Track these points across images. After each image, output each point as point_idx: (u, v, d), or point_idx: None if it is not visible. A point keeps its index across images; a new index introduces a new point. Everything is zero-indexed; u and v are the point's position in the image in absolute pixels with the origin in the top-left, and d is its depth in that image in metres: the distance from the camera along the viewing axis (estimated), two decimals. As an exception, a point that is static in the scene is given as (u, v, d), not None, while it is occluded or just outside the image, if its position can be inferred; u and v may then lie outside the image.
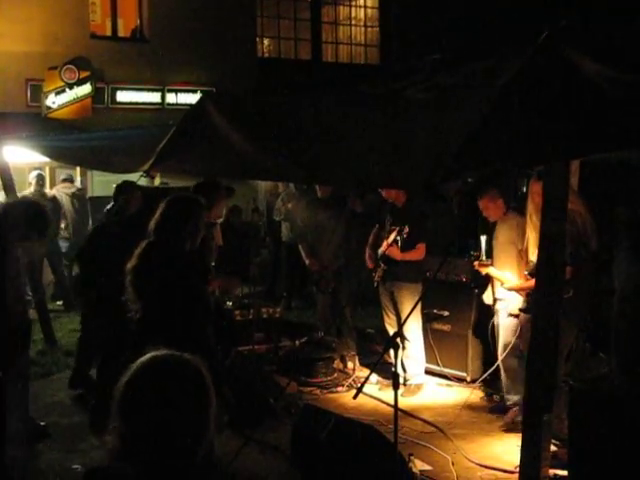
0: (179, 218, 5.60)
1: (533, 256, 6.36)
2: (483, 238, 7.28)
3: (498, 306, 7.59)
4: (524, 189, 9.07)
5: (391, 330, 8.63)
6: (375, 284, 8.74)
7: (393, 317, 8.69)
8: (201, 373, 2.47)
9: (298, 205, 10.86)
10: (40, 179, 14.13)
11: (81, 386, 8.56)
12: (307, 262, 10.00)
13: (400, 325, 5.98)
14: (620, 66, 3.90)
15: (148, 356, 2.46)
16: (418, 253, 8.41)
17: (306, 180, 8.41)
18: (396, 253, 8.29)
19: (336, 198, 9.84)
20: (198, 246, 5.80)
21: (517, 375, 7.27)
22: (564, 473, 5.70)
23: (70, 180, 14.20)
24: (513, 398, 7.43)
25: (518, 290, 6.98)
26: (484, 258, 7.29)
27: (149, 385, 2.40)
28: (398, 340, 5.30)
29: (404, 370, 8.51)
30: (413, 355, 8.57)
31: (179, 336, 5.26)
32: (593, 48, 4.06)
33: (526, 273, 6.71)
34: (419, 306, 8.21)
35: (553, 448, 6.45)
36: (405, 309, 8.26)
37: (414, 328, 8.50)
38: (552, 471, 5.97)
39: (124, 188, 9.15)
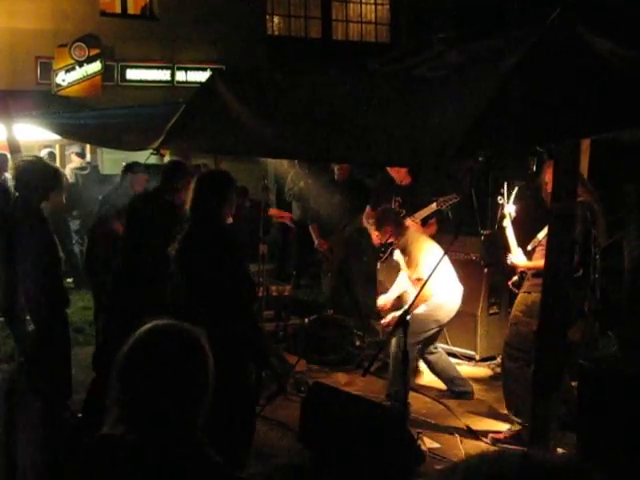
0: (212, 195, 5.56)
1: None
2: (515, 188, 6.89)
3: None
4: (534, 168, 9.03)
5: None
6: (379, 262, 8.71)
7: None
8: (199, 342, 2.50)
9: (312, 185, 10.83)
10: (51, 157, 14.15)
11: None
12: (316, 242, 10.02)
13: (411, 304, 5.96)
14: (632, 44, 3.89)
15: (149, 324, 2.50)
16: (432, 229, 8.37)
17: (315, 158, 8.40)
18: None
19: (353, 181, 9.83)
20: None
21: None
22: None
23: (81, 155, 14.21)
24: None
25: (522, 267, 6.83)
26: (508, 205, 6.83)
27: (148, 352, 2.45)
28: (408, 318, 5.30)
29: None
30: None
31: (225, 312, 5.33)
32: (605, 26, 4.04)
33: (529, 248, 6.67)
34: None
35: (518, 427, 6.51)
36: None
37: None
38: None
39: (130, 168, 9.20)
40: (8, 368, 7.05)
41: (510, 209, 6.66)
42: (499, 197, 6.77)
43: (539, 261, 5.99)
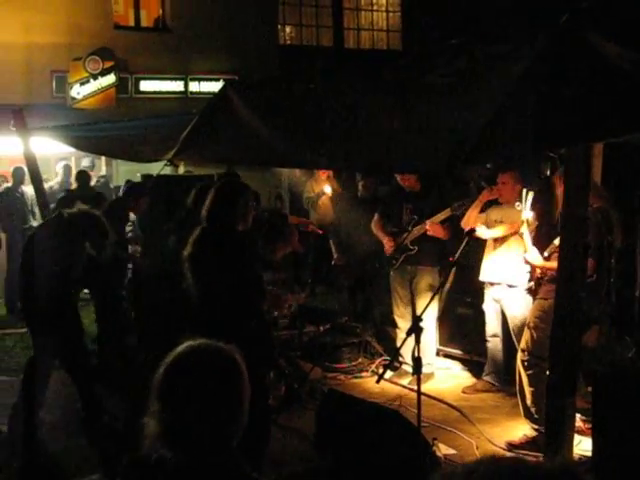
0: (227, 202, 5.75)
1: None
2: (530, 194, 6.89)
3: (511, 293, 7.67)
4: (547, 172, 9.02)
5: (400, 322, 8.63)
6: (391, 270, 8.71)
7: (405, 309, 8.62)
8: (236, 361, 2.55)
9: (335, 200, 10.84)
10: (67, 169, 14.25)
11: None
12: (335, 256, 10.05)
13: (423, 309, 5.97)
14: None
15: (185, 345, 2.55)
16: (447, 232, 8.38)
17: (328, 166, 8.42)
18: (439, 231, 8.28)
19: (376, 198, 9.85)
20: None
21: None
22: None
23: (89, 169, 14.30)
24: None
25: (537, 266, 6.82)
26: (526, 211, 6.75)
27: (187, 372, 2.49)
28: (421, 324, 5.32)
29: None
30: (425, 343, 8.38)
31: (235, 317, 5.41)
32: (615, 30, 4.05)
33: (546, 254, 6.67)
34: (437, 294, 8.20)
35: (534, 433, 6.50)
36: (425, 294, 8.24)
37: (430, 316, 8.18)
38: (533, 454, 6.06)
39: (133, 190, 9.36)
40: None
41: (528, 215, 6.65)
42: (517, 203, 6.76)
43: (554, 262, 5.97)
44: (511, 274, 7.58)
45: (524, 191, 6.67)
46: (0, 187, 13.27)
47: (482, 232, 7.53)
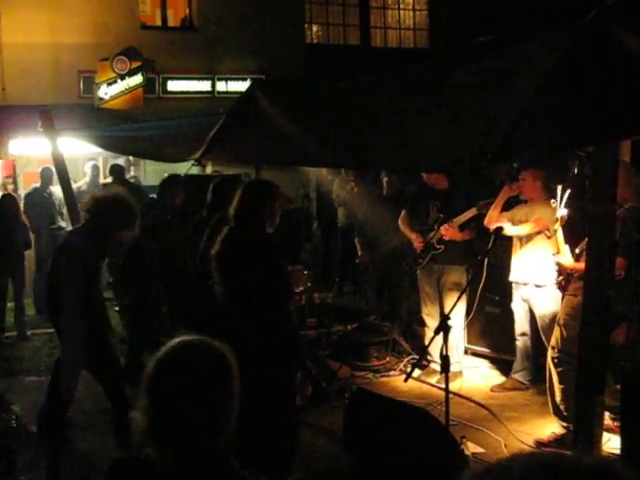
0: (255, 202, 5.80)
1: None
2: (568, 191, 6.86)
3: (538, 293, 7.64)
4: (575, 170, 8.97)
5: (428, 320, 8.62)
6: (418, 269, 8.70)
7: (433, 307, 8.63)
8: (226, 358, 2.54)
9: (360, 198, 10.86)
10: (95, 170, 14.33)
11: None
12: (360, 254, 10.07)
13: (451, 308, 5.97)
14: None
15: (177, 340, 2.55)
16: (471, 233, 8.38)
17: (354, 165, 8.42)
18: (455, 234, 8.27)
19: (399, 195, 9.86)
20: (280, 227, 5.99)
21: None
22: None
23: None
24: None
25: (567, 268, 6.80)
26: (561, 209, 6.65)
27: (175, 367, 2.49)
28: (448, 322, 5.32)
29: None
30: (453, 341, 8.04)
31: (262, 316, 5.45)
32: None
33: (577, 251, 6.64)
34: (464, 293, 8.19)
35: (562, 430, 6.48)
36: (453, 293, 8.23)
37: (458, 315, 8.11)
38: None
39: (169, 182, 9.34)
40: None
41: (562, 212, 6.62)
42: (552, 201, 6.72)
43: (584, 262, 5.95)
44: (538, 273, 7.57)
45: (559, 188, 6.64)
46: (28, 188, 13.39)
47: (508, 229, 7.50)
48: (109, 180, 12.67)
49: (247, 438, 2.79)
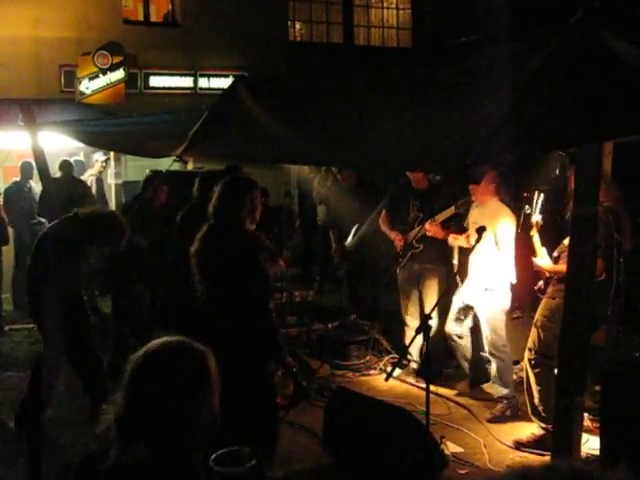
0: (234, 199, 5.75)
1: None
2: (542, 196, 6.83)
3: (486, 296, 7.60)
4: (557, 172, 9.00)
5: (409, 320, 8.62)
6: (398, 268, 8.68)
7: (413, 307, 8.62)
8: (204, 360, 2.54)
9: (332, 191, 10.90)
10: (79, 165, 14.13)
11: None
12: (333, 247, 10.09)
13: (432, 308, 5.96)
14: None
15: (160, 339, 2.56)
16: (447, 232, 8.36)
17: (337, 164, 8.41)
18: (438, 232, 8.25)
19: (363, 184, 9.87)
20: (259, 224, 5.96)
21: (505, 368, 7.57)
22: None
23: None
24: (502, 391, 7.47)
25: (547, 270, 6.81)
26: (536, 214, 6.76)
27: (153, 366, 2.50)
28: (429, 322, 5.31)
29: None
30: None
31: (243, 314, 5.42)
32: (627, 29, 4.03)
33: (555, 254, 6.66)
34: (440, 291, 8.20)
35: (541, 431, 6.51)
36: (433, 292, 8.25)
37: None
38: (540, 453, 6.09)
39: (153, 179, 9.30)
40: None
41: (537, 218, 6.63)
42: (526, 207, 6.74)
43: (564, 265, 5.97)
44: (485, 278, 7.59)
45: (536, 193, 6.66)
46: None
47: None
48: (58, 175, 12.51)
49: (226, 436, 2.76)
